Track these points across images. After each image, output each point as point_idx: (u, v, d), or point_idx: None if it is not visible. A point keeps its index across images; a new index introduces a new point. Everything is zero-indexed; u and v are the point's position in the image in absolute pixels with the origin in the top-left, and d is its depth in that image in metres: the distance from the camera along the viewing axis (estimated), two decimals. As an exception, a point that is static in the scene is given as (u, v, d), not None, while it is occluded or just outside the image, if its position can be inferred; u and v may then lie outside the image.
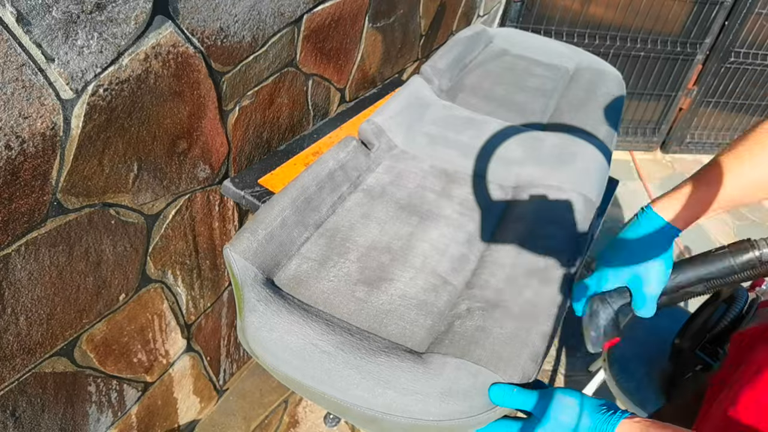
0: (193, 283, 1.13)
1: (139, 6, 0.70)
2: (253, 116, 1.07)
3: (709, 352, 0.93)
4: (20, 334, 0.76)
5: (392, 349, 0.63)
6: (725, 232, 2.50)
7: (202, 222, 1.07)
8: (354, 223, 0.82)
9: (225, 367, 1.45)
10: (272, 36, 1.00)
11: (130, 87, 0.75)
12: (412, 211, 0.85)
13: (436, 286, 0.73)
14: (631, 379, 1.10)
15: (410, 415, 0.58)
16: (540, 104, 1.14)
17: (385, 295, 0.71)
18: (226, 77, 0.93)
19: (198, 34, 0.83)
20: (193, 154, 0.94)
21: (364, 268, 0.75)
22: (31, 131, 0.64)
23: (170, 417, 1.29)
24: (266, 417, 1.47)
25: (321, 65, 1.22)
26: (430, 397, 0.58)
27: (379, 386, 0.59)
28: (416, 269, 0.75)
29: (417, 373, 0.59)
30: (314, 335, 0.62)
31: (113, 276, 0.89)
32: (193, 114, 0.89)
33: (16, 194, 0.66)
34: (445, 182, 0.92)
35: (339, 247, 0.78)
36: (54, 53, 0.62)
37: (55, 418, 0.90)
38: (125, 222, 0.87)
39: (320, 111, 1.31)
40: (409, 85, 1.08)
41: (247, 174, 1.09)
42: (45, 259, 0.74)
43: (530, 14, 2.31)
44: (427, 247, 0.78)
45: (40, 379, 0.83)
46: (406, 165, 0.95)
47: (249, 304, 0.65)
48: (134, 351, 1.03)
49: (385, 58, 1.52)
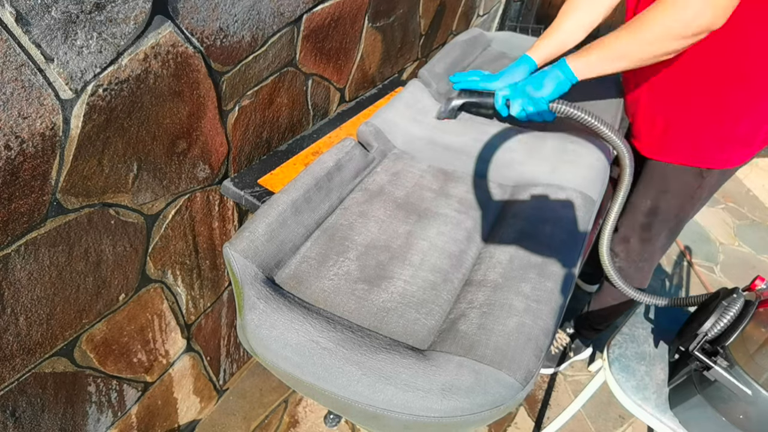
0: (192, 283, 1.13)
1: (139, 6, 0.71)
2: (253, 116, 1.07)
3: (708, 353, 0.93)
4: (20, 334, 0.76)
5: (393, 345, 0.63)
6: (725, 231, 2.50)
7: (202, 222, 1.07)
8: (353, 222, 0.82)
9: (225, 367, 1.45)
10: (272, 36, 1.00)
11: (129, 87, 0.75)
12: (411, 210, 0.85)
13: (436, 283, 0.73)
14: (631, 379, 1.10)
15: (411, 412, 0.58)
16: None
17: (385, 293, 0.71)
18: (225, 77, 0.94)
19: (197, 33, 0.83)
20: (192, 154, 0.95)
21: (363, 266, 0.75)
22: (31, 131, 0.64)
23: (170, 417, 1.29)
24: (266, 417, 1.47)
25: (321, 65, 1.22)
26: (432, 393, 0.58)
27: (380, 382, 0.58)
28: (415, 267, 0.75)
29: (418, 369, 0.59)
30: (315, 332, 0.62)
31: (113, 276, 0.89)
32: (192, 114, 0.90)
33: (15, 194, 0.66)
34: (443, 181, 0.92)
35: (338, 245, 0.78)
36: (53, 53, 0.62)
37: (55, 418, 0.90)
38: (125, 222, 0.87)
39: (320, 111, 1.32)
40: (407, 89, 1.09)
41: (246, 174, 1.09)
42: (45, 259, 0.75)
43: (530, 14, 2.31)
44: (425, 245, 0.78)
45: (40, 379, 0.83)
46: (404, 165, 0.95)
47: (249, 302, 0.65)
48: (134, 351, 1.03)
49: (385, 58, 1.52)
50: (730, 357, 0.91)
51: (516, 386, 0.59)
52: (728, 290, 1.02)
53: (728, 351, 0.92)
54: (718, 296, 1.02)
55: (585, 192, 0.86)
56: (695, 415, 1.00)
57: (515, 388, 0.59)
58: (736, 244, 2.45)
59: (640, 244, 1.29)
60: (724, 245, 2.41)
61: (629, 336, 1.19)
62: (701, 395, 0.97)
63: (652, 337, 1.20)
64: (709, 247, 2.38)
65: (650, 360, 1.15)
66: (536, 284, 0.68)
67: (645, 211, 1.23)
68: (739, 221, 2.59)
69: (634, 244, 1.30)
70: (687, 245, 2.33)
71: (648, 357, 1.15)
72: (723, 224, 2.55)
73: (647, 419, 1.06)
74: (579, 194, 0.85)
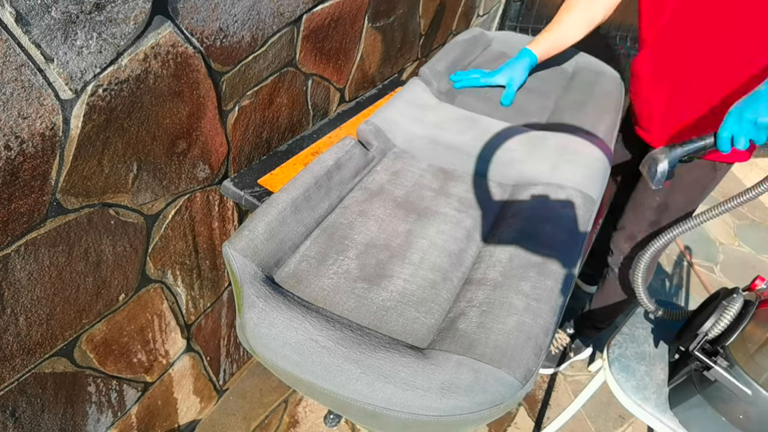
0: (192, 283, 1.13)
1: (138, 6, 0.71)
2: (253, 116, 1.07)
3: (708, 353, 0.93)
4: (20, 335, 0.76)
5: (393, 344, 0.63)
6: (725, 231, 2.50)
7: (202, 222, 1.07)
8: (353, 221, 0.82)
9: (225, 367, 1.45)
10: (271, 36, 1.00)
11: (129, 87, 0.75)
12: (411, 209, 0.85)
13: (435, 282, 0.73)
14: (631, 379, 1.10)
15: (410, 410, 0.58)
16: (539, 105, 1.15)
17: (385, 292, 0.71)
18: (225, 77, 0.94)
19: (197, 34, 0.83)
20: (192, 154, 0.95)
21: (363, 265, 0.75)
22: (31, 131, 0.64)
23: (170, 417, 1.29)
24: (266, 417, 1.47)
25: (320, 65, 1.22)
26: (431, 392, 0.58)
27: (379, 381, 0.58)
28: (415, 266, 0.75)
29: (417, 367, 0.59)
30: (314, 331, 0.62)
31: (113, 276, 0.89)
32: (192, 114, 0.90)
33: (15, 194, 0.66)
34: (443, 180, 0.92)
35: (338, 244, 0.78)
36: (53, 53, 0.62)
37: (55, 418, 0.90)
38: (125, 222, 0.87)
39: (320, 111, 1.32)
40: (408, 87, 1.09)
41: (246, 174, 1.09)
42: (44, 259, 0.75)
43: (530, 14, 2.31)
44: (425, 244, 0.78)
45: (39, 379, 0.83)
46: (404, 164, 0.95)
47: (248, 300, 0.65)
48: (134, 351, 1.04)
49: (385, 58, 1.52)
50: (730, 357, 0.91)
51: (515, 385, 0.59)
52: (728, 290, 1.02)
53: (728, 351, 0.92)
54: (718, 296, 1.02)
55: (585, 191, 0.86)
56: (695, 415, 1.00)
57: (515, 386, 0.59)
58: (736, 244, 2.45)
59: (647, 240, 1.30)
60: (724, 245, 2.41)
61: (629, 336, 1.19)
62: (701, 395, 0.97)
63: (652, 337, 1.20)
64: (709, 247, 2.38)
65: (650, 360, 1.15)
66: (536, 283, 0.68)
67: (655, 208, 1.23)
68: (739, 221, 2.59)
69: (641, 240, 1.31)
70: (687, 245, 2.33)
71: (648, 357, 1.15)
72: (723, 224, 2.55)
73: (647, 419, 1.06)
74: (579, 193, 0.85)
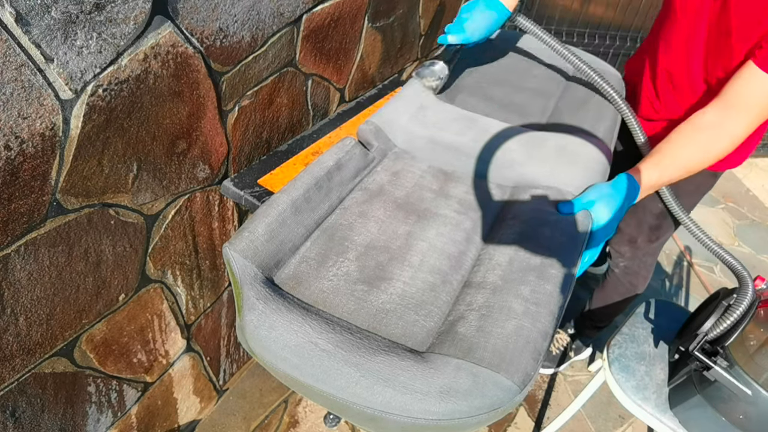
0: (192, 283, 1.13)
1: (138, 6, 0.71)
2: (253, 116, 1.07)
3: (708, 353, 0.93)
4: (20, 335, 0.76)
5: (392, 347, 0.63)
6: (725, 231, 2.50)
7: (202, 222, 1.07)
8: (353, 222, 0.82)
9: (225, 367, 1.45)
10: (271, 36, 1.00)
11: (129, 87, 0.75)
12: (411, 210, 0.85)
13: (435, 285, 0.73)
14: (631, 379, 1.10)
15: (409, 414, 0.58)
16: (539, 105, 1.14)
17: (384, 295, 0.71)
18: (225, 77, 0.94)
19: (197, 34, 0.83)
20: (192, 154, 0.95)
21: (363, 267, 0.75)
22: (31, 132, 0.64)
23: (170, 417, 1.29)
24: (266, 417, 1.47)
25: (320, 65, 1.22)
26: (430, 396, 0.58)
27: (378, 384, 0.58)
28: (414, 268, 0.75)
29: (416, 371, 0.59)
30: (314, 333, 0.62)
31: (113, 276, 0.89)
32: (192, 114, 0.90)
33: (15, 194, 0.66)
34: (443, 181, 0.92)
35: (338, 246, 0.78)
36: (53, 53, 0.62)
37: (54, 419, 0.90)
38: (125, 222, 0.87)
39: (320, 111, 1.32)
40: (408, 86, 1.08)
41: (246, 174, 1.09)
42: (44, 259, 0.75)
43: (530, 14, 2.31)
44: (425, 246, 0.78)
45: (39, 379, 0.84)
46: (404, 164, 0.95)
47: (248, 302, 0.65)
48: (134, 351, 1.04)
49: (385, 58, 1.52)
50: (730, 357, 0.91)
51: (514, 389, 0.59)
52: (728, 290, 1.02)
53: (728, 351, 0.92)
54: (718, 296, 1.02)
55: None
56: (695, 415, 1.00)
57: (513, 391, 0.59)
58: (736, 244, 2.45)
59: (647, 243, 1.32)
60: (724, 245, 2.41)
61: (629, 336, 1.19)
62: (701, 395, 0.97)
63: (652, 337, 1.20)
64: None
65: (650, 360, 1.15)
66: (535, 287, 0.68)
67: (656, 213, 1.25)
68: (738, 221, 2.59)
69: (641, 243, 1.33)
70: (687, 245, 2.33)
71: (648, 357, 1.15)
72: (723, 224, 2.55)
73: (647, 419, 1.06)
74: (579, 195, 0.85)
